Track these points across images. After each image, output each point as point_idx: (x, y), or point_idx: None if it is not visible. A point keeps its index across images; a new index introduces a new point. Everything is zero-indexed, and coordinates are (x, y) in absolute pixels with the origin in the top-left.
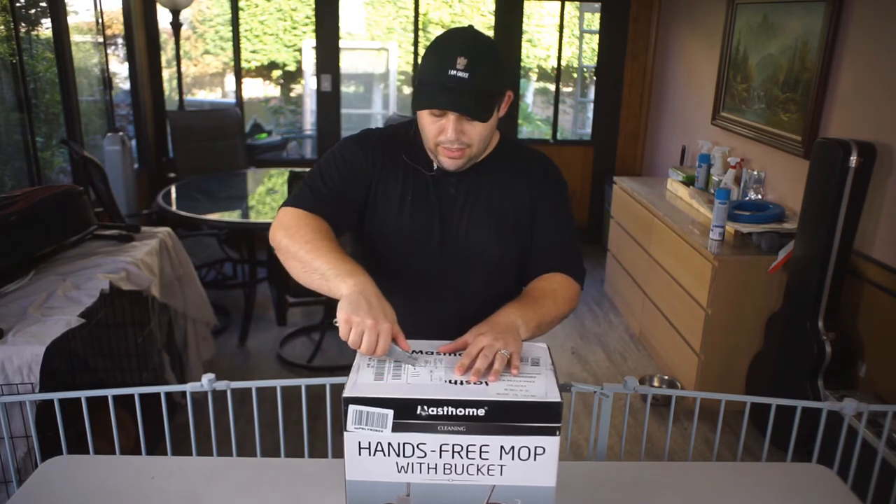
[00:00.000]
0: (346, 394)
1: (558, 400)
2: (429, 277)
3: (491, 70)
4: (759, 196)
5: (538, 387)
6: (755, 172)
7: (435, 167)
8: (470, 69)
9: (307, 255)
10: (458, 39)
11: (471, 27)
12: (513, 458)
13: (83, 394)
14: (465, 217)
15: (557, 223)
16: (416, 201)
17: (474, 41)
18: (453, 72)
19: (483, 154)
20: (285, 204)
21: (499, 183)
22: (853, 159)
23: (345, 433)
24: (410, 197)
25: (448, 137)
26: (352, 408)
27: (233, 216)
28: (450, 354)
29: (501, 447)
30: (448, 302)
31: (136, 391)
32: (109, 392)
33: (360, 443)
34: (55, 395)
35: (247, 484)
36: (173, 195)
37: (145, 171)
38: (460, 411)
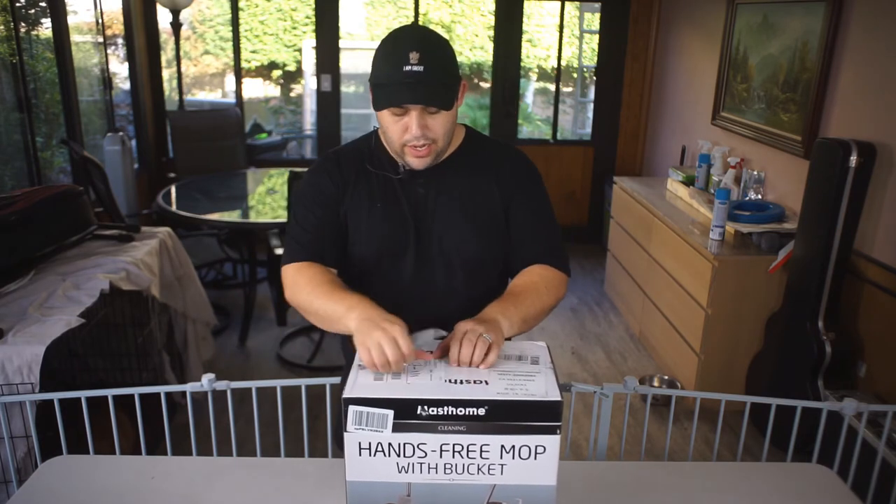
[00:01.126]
0: (346, 394)
1: (558, 399)
2: (413, 279)
3: (444, 60)
4: (759, 196)
5: (538, 386)
6: (755, 172)
7: (401, 170)
8: (424, 62)
9: (312, 306)
10: (407, 36)
11: (415, 23)
12: (513, 458)
13: (83, 394)
14: (437, 215)
15: (533, 214)
16: (386, 206)
17: (422, 35)
18: (408, 67)
19: (448, 149)
20: (282, 263)
21: (467, 178)
22: (853, 159)
23: (345, 433)
24: (380, 203)
25: (413, 134)
26: (352, 408)
27: (233, 216)
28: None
29: (502, 446)
30: (436, 302)
31: (136, 391)
32: (109, 392)
33: (360, 443)
34: (55, 395)
35: (247, 484)
36: (173, 195)
37: (145, 171)
38: (460, 411)
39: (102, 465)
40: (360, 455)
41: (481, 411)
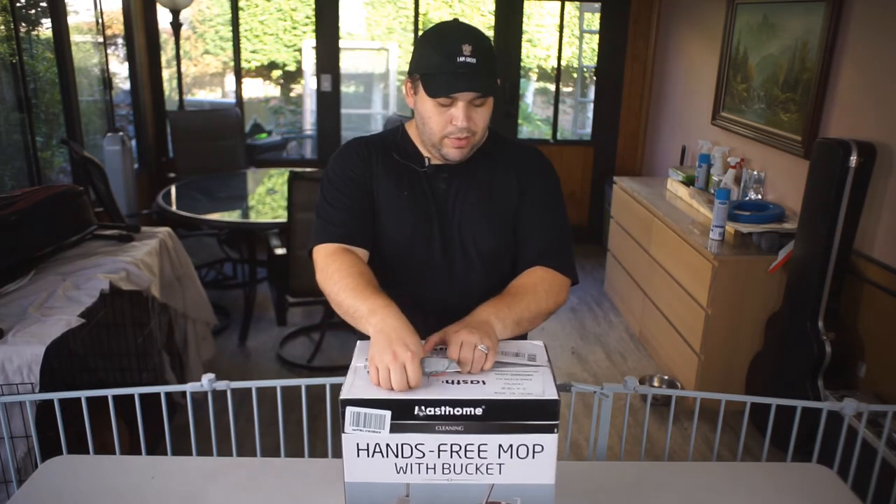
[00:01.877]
0: (344, 395)
1: (555, 398)
2: (434, 269)
3: (492, 53)
4: (759, 196)
5: (535, 385)
6: (755, 172)
7: (427, 163)
8: (476, 54)
9: (338, 297)
10: (456, 29)
11: (456, 19)
12: (511, 457)
13: (83, 394)
14: (458, 210)
15: (543, 211)
16: (412, 197)
17: (470, 29)
18: (462, 59)
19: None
20: (312, 244)
21: (488, 175)
22: (853, 159)
23: (343, 435)
24: (407, 192)
25: (460, 125)
26: (349, 409)
27: (233, 216)
28: (440, 350)
29: (500, 446)
30: (453, 295)
31: (136, 391)
32: (109, 392)
33: (358, 444)
34: (55, 395)
35: (247, 484)
36: (173, 195)
37: (145, 171)
38: (458, 411)
39: (102, 465)
40: (358, 456)
41: (478, 411)
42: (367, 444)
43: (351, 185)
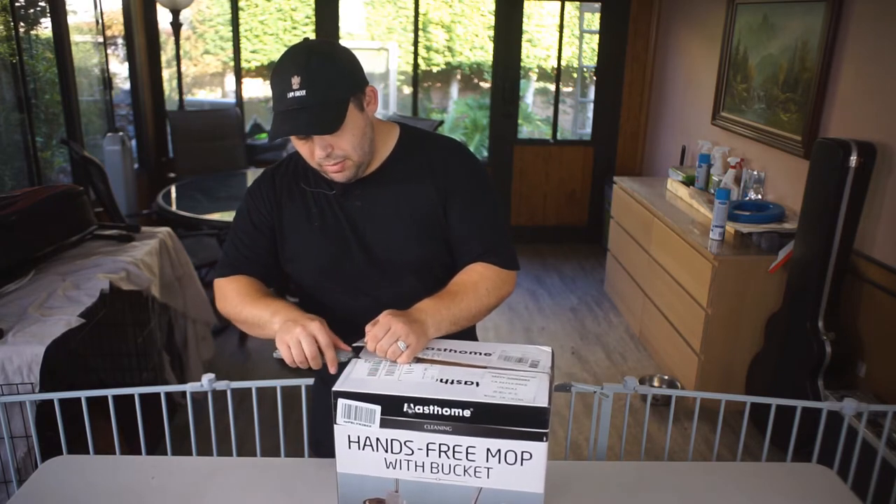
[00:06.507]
0: (336, 387)
1: (545, 405)
2: (368, 289)
3: (329, 78)
4: (759, 196)
5: (528, 390)
6: (755, 172)
7: (334, 187)
8: (306, 85)
9: (241, 315)
10: (291, 59)
11: (305, 40)
12: (499, 462)
13: (83, 394)
14: (376, 226)
15: (470, 211)
16: (324, 224)
17: (306, 55)
18: (291, 94)
19: (380, 156)
20: (214, 276)
21: (402, 184)
22: (853, 159)
23: (335, 426)
24: (318, 222)
25: (318, 156)
26: (341, 402)
27: (233, 216)
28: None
29: (488, 450)
30: (389, 304)
31: (136, 391)
32: (109, 392)
33: (349, 436)
34: (55, 395)
35: (247, 484)
36: (173, 195)
37: (145, 171)
38: (446, 411)
39: (102, 465)
40: (349, 448)
41: (467, 413)
42: (358, 437)
43: (252, 226)
